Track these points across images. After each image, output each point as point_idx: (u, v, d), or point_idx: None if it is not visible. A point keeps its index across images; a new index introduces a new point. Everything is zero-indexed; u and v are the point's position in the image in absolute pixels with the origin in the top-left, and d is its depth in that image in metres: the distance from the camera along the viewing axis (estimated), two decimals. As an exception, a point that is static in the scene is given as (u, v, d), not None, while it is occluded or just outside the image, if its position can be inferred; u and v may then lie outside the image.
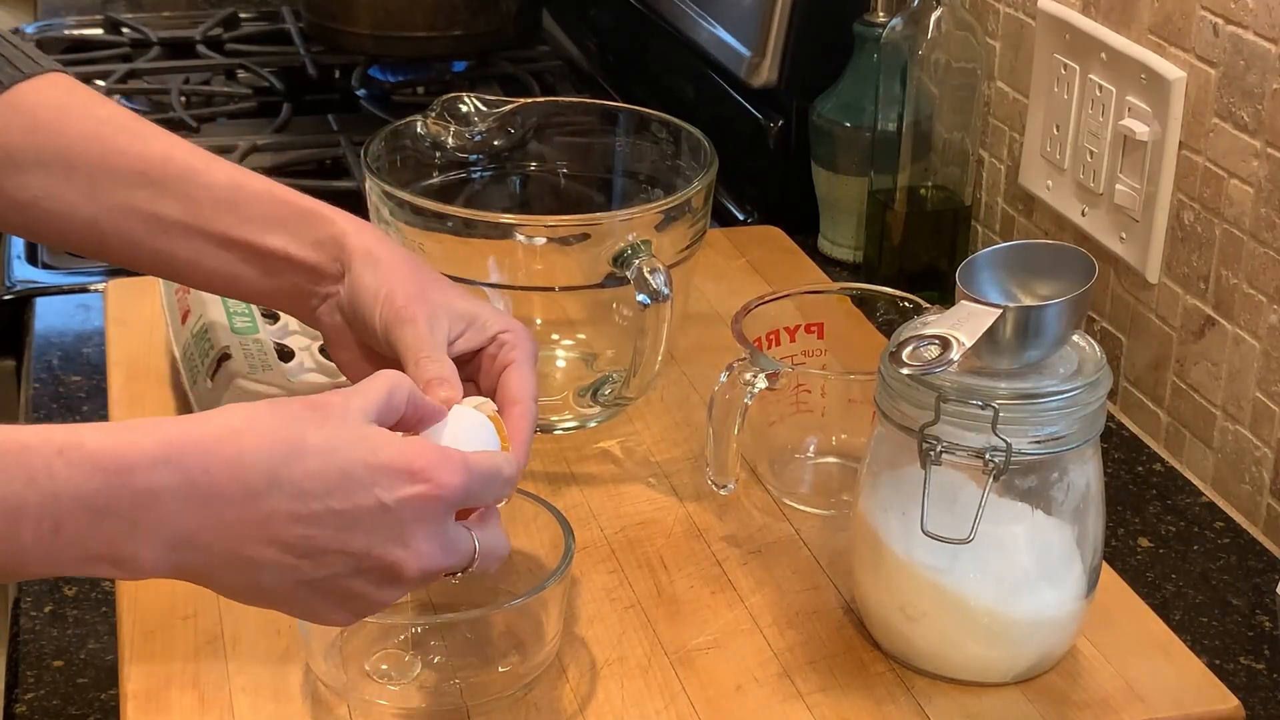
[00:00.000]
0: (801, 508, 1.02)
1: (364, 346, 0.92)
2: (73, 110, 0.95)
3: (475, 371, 0.91)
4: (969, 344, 0.81)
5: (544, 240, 1.03)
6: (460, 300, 0.91)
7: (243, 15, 2.06)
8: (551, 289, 1.06)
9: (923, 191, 1.32)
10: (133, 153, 0.94)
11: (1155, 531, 1.05)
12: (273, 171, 1.58)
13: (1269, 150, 1.01)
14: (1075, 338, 0.86)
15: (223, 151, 1.59)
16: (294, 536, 0.71)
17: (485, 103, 1.14)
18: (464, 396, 0.85)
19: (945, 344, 0.81)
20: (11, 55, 0.95)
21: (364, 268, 0.90)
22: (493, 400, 0.87)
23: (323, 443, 0.72)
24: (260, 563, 0.72)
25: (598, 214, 1.09)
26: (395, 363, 0.88)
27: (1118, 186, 1.14)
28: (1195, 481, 1.10)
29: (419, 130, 1.13)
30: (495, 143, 1.16)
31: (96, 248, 0.95)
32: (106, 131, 0.94)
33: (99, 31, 2.00)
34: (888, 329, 1.06)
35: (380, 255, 0.91)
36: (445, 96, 1.13)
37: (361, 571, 0.73)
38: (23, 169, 0.93)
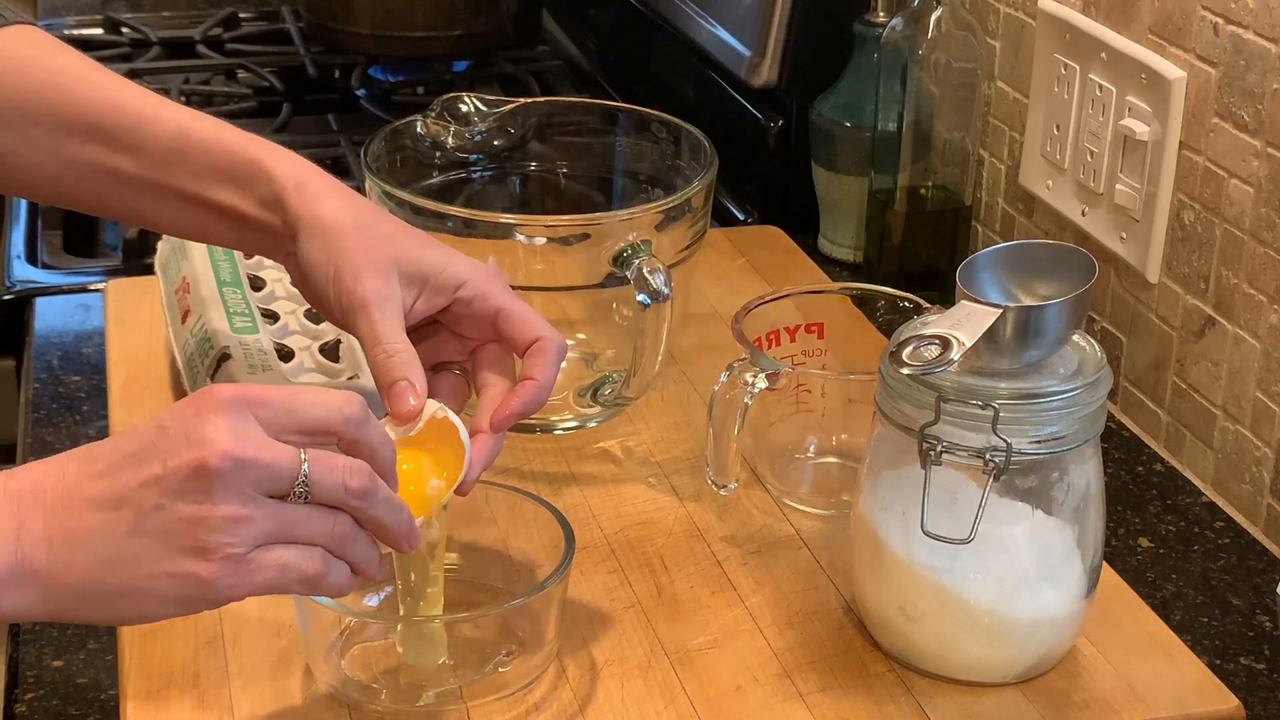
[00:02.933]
0: (801, 508, 1.02)
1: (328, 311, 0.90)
2: (30, 62, 0.93)
3: (453, 323, 0.89)
4: (969, 344, 0.81)
5: (544, 240, 1.03)
6: (409, 254, 0.88)
7: (243, 15, 2.06)
8: (551, 289, 1.06)
9: (923, 191, 1.32)
10: (87, 103, 0.92)
11: (1155, 531, 1.05)
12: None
13: (1269, 150, 1.01)
14: (1075, 338, 0.86)
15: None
16: (100, 490, 0.71)
17: (485, 103, 1.14)
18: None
19: (945, 344, 0.81)
20: None
21: (309, 240, 0.87)
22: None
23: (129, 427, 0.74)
24: (84, 534, 0.71)
25: (598, 214, 1.09)
26: None
27: (1118, 186, 1.14)
28: (1195, 481, 1.10)
29: (419, 130, 1.13)
30: (495, 143, 1.16)
31: (70, 201, 0.95)
32: (61, 81, 0.92)
33: (99, 31, 2.00)
34: (888, 329, 1.06)
35: (324, 218, 0.87)
36: (445, 96, 1.13)
37: (173, 491, 0.71)
38: None
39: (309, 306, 0.96)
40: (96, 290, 1.31)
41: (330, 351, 1.07)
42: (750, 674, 0.88)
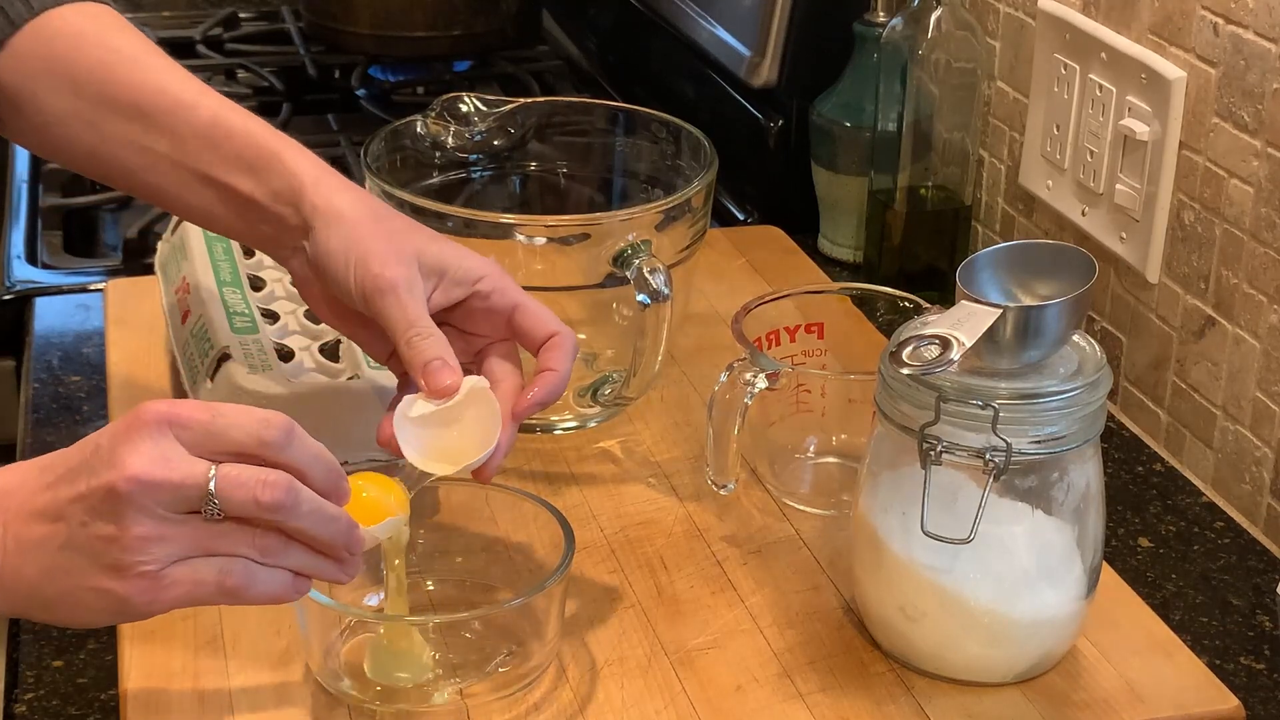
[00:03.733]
0: (801, 508, 1.02)
1: (337, 301, 0.92)
2: (87, 38, 0.97)
3: (465, 321, 0.91)
4: (969, 344, 0.81)
5: (544, 240, 1.03)
6: (429, 246, 0.90)
7: (243, 15, 2.06)
8: (551, 289, 1.06)
9: (923, 191, 1.32)
10: (132, 83, 0.95)
11: (1155, 531, 1.05)
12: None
13: (1269, 150, 1.01)
14: (1075, 338, 0.86)
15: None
16: (44, 502, 0.74)
17: (485, 103, 1.14)
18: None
19: (945, 344, 0.81)
20: None
21: (328, 229, 0.89)
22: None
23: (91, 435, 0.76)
24: (32, 542, 0.74)
25: (598, 214, 1.09)
26: (375, 324, 0.89)
27: (1118, 186, 1.14)
28: (1195, 481, 1.10)
29: (419, 130, 1.13)
30: (495, 143, 1.16)
31: (100, 175, 0.98)
32: (112, 60, 0.96)
33: (99, 31, 2.00)
34: (888, 329, 1.06)
35: (342, 210, 0.90)
36: (445, 96, 1.13)
37: (93, 510, 0.73)
38: (38, 94, 0.96)
39: (309, 307, 0.96)
40: (96, 290, 1.31)
41: (330, 351, 1.07)
42: (750, 674, 0.88)
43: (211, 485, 0.73)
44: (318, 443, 0.78)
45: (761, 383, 0.96)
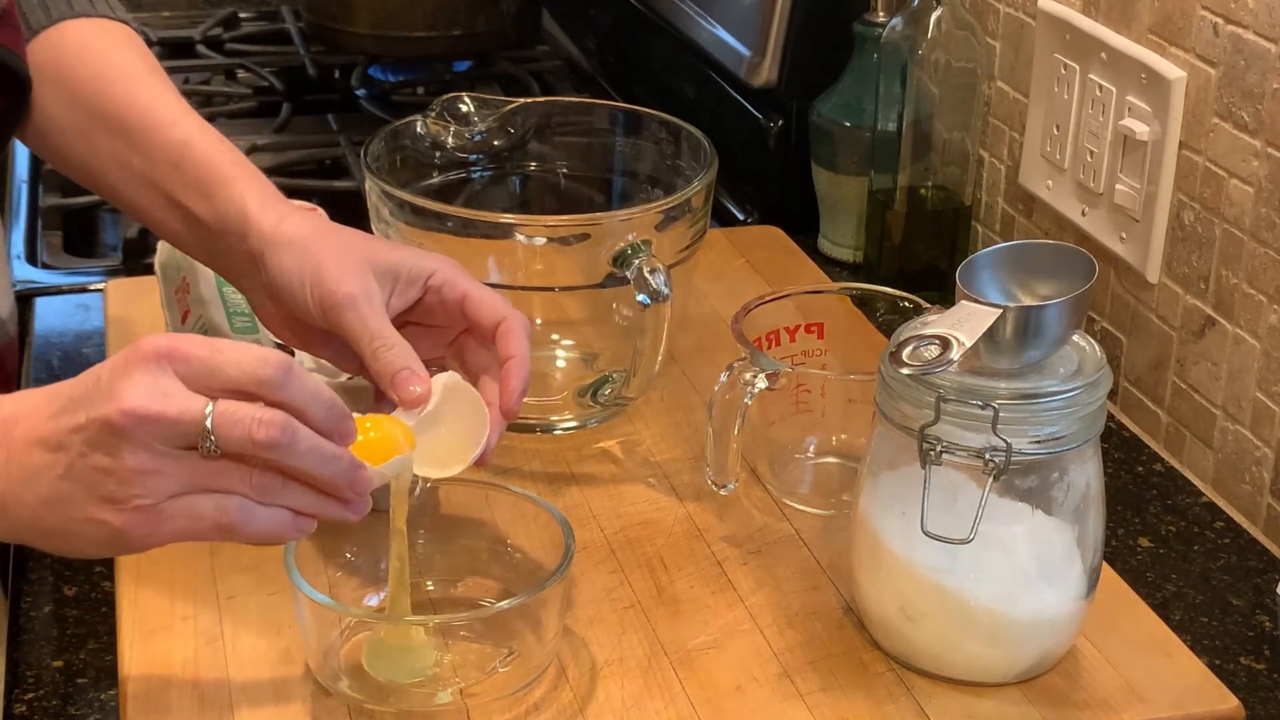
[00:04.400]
0: (801, 508, 1.02)
1: (301, 324, 0.92)
2: (91, 52, 1.00)
3: (425, 316, 0.91)
4: (969, 344, 0.81)
5: (544, 240, 1.03)
6: (380, 253, 0.91)
7: (243, 15, 2.06)
8: (551, 289, 1.06)
9: (923, 191, 1.32)
10: (122, 100, 0.98)
11: (1155, 531, 1.05)
12: (273, 171, 1.58)
13: (1269, 150, 1.01)
14: (1075, 338, 0.86)
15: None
16: (47, 430, 0.75)
17: (485, 103, 1.14)
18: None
19: (945, 344, 0.81)
20: None
21: (278, 252, 0.90)
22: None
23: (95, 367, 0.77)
24: (33, 469, 0.75)
25: (598, 214, 1.09)
26: (338, 339, 0.90)
27: (1118, 186, 1.14)
28: (1195, 481, 1.10)
29: (419, 130, 1.13)
30: (495, 143, 1.16)
31: (90, 185, 1.01)
32: (109, 76, 0.99)
33: (99, 31, 2.00)
34: (888, 329, 1.06)
35: (290, 233, 0.91)
36: (445, 96, 1.13)
37: (90, 441, 0.74)
38: (42, 101, 0.98)
39: (271, 332, 0.96)
40: (96, 290, 1.31)
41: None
42: (750, 674, 0.88)
43: (208, 422, 0.73)
44: (319, 381, 0.77)
45: (761, 383, 0.96)
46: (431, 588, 0.93)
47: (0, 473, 0.76)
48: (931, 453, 0.82)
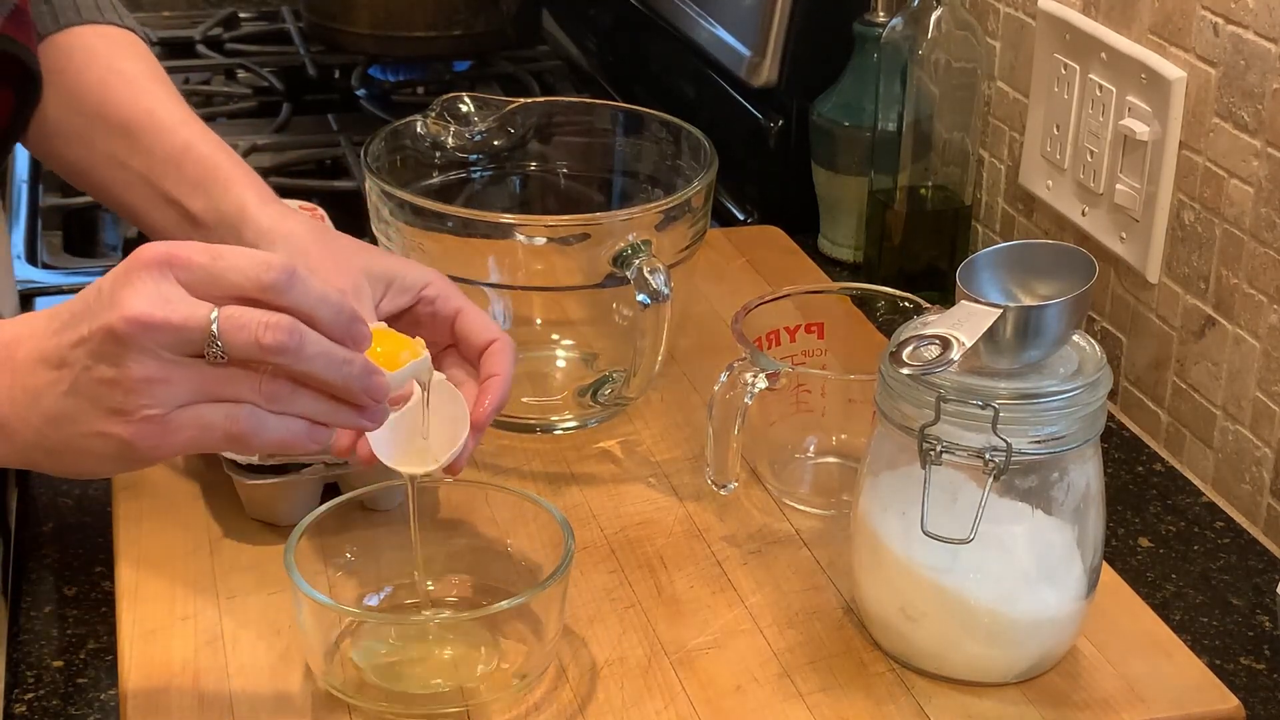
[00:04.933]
0: (801, 508, 1.02)
1: None
2: (97, 58, 1.01)
3: (412, 328, 0.91)
4: (969, 344, 0.81)
5: (544, 240, 1.03)
6: (375, 259, 0.92)
7: (243, 15, 2.06)
8: (551, 289, 1.06)
9: (923, 191, 1.32)
10: (125, 103, 1.00)
11: (1155, 531, 1.05)
12: (273, 171, 1.58)
13: (1269, 150, 1.01)
14: (1075, 338, 0.86)
15: (223, 151, 1.59)
16: (49, 348, 0.74)
17: (485, 103, 1.14)
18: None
19: (945, 344, 0.81)
20: (82, 4, 1.03)
21: (272, 246, 0.92)
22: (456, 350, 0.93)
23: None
24: (36, 389, 0.74)
25: (598, 214, 1.09)
26: None
27: (1118, 186, 1.14)
28: (1195, 481, 1.10)
29: (419, 130, 1.13)
30: (495, 143, 1.16)
31: (84, 186, 1.02)
32: (114, 81, 1.00)
33: (99, 31, 2.00)
34: (888, 329, 1.06)
35: (286, 230, 0.92)
36: (445, 96, 1.13)
37: (94, 353, 0.72)
38: (46, 104, 1.00)
39: None
40: (96, 290, 1.31)
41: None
42: (750, 674, 0.88)
43: (213, 327, 0.72)
44: (326, 286, 0.75)
45: (761, 383, 0.96)
46: (432, 588, 0.93)
47: (4, 396, 0.75)
48: (931, 453, 0.82)
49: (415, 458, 0.87)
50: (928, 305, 0.95)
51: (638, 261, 1.00)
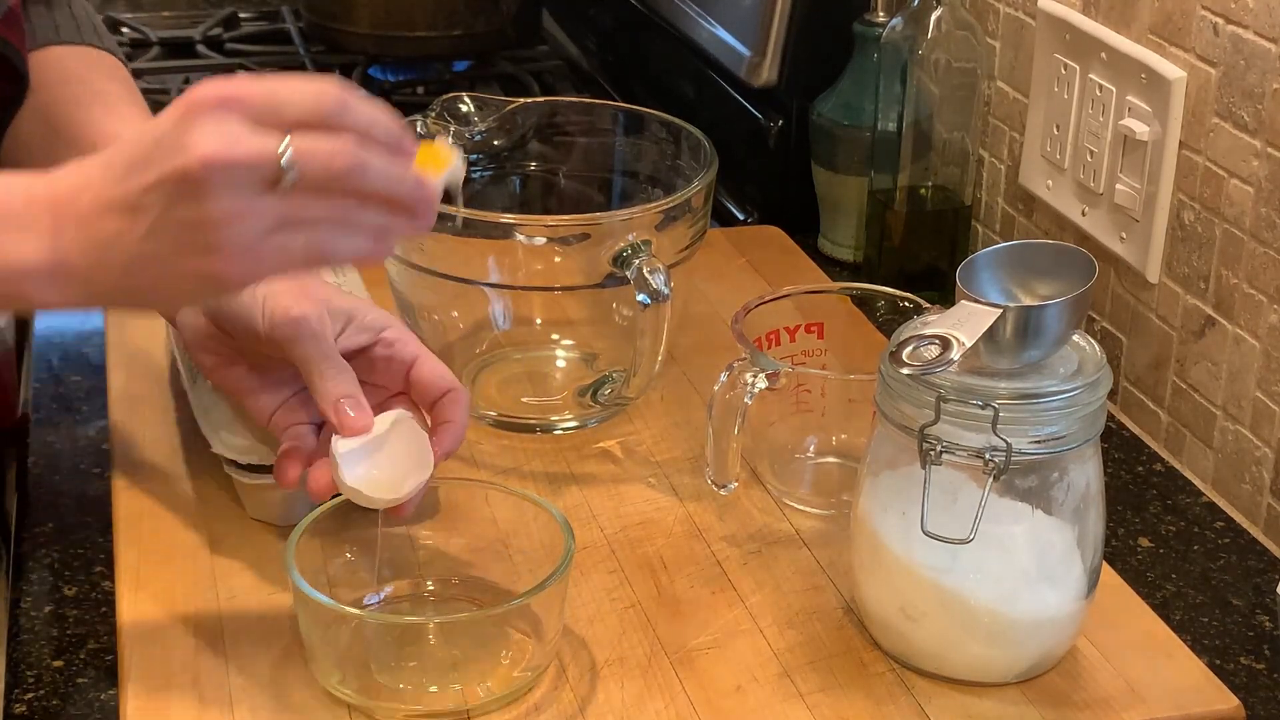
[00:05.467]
0: (801, 508, 1.02)
1: (230, 349, 0.93)
2: (72, 76, 1.01)
3: (366, 370, 0.92)
4: (969, 344, 0.81)
5: (544, 240, 1.03)
6: (336, 297, 0.92)
7: (243, 15, 2.06)
8: (551, 289, 1.06)
9: (923, 191, 1.32)
10: (91, 122, 0.99)
11: (1155, 531, 1.05)
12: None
13: (1269, 150, 1.01)
14: (1075, 338, 0.86)
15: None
16: (117, 195, 0.75)
17: (485, 103, 1.14)
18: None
19: (945, 344, 0.81)
20: (61, 23, 1.02)
21: None
22: (408, 395, 0.93)
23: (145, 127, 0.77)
24: (108, 236, 0.75)
25: (598, 214, 1.09)
26: (279, 364, 0.91)
27: (1118, 186, 1.14)
28: (1195, 481, 1.10)
29: (419, 130, 1.13)
30: (495, 143, 1.16)
31: None
32: (87, 100, 1.00)
33: (99, 31, 2.00)
34: (888, 329, 1.06)
35: None
36: (445, 96, 1.13)
37: (170, 196, 0.73)
38: (21, 119, 1.00)
39: (192, 357, 0.97)
40: (96, 290, 1.31)
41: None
42: (750, 674, 0.88)
43: (284, 159, 0.73)
44: (372, 104, 0.77)
45: (761, 383, 0.96)
46: (432, 588, 0.93)
47: (75, 248, 0.76)
48: (931, 453, 0.82)
49: (377, 489, 0.88)
50: (928, 305, 0.95)
51: (638, 261, 1.00)
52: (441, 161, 0.82)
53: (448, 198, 0.83)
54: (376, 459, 0.88)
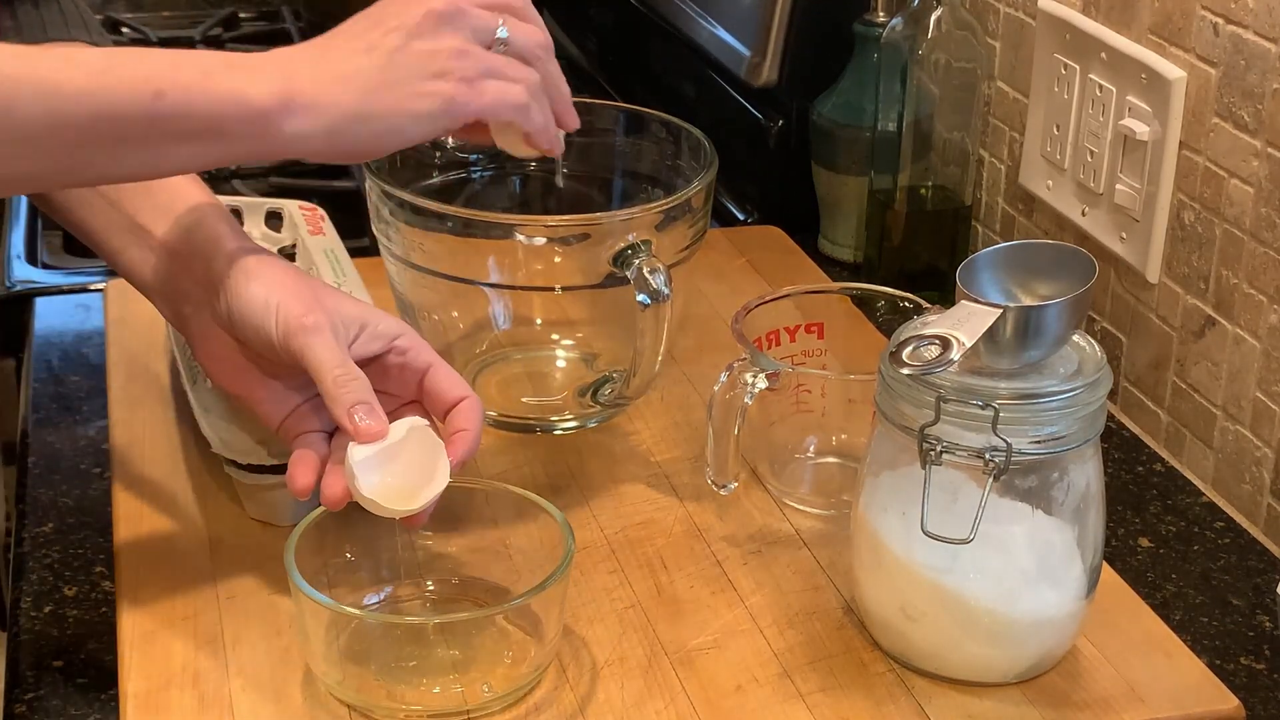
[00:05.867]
0: (801, 508, 1.02)
1: (241, 357, 0.92)
2: None
3: (379, 378, 0.91)
4: (969, 344, 0.81)
5: (544, 240, 1.03)
6: (348, 305, 0.92)
7: (243, 15, 2.06)
8: (551, 289, 1.06)
9: (923, 191, 1.32)
10: None
11: (1155, 531, 1.05)
12: (273, 171, 1.58)
13: (1269, 150, 1.01)
14: (1075, 338, 0.86)
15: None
16: (352, 44, 0.86)
17: (485, 103, 1.14)
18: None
19: (945, 344, 0.81)
20: (50, 21, 1.02)
21: (247, 278, 0.91)
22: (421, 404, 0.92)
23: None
24: (349, 71, 0.86)
25: (598, 214, 1.09)
26: (291, 371, 0.90)
27: (1118, 186, 1.14)
28: (1195, 481, 1.10)
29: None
30: (496, 142, 1.16)
31: (43, 205, 1.00)
32: None
33: (99, 31, 2.00)
34: (888, 329, 1.06)
35: (261, 266, 0.92)
36: (445, 96, 1.13)
37: (411, 33, 0.86)
38: None
39: (201, 367, 0.96)
40: (96, 290, 1.31)
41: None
42: (750, 674, 0.88)
43: (503, 28, 0.89)
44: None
45: (761, 383, 0.96)
46: (432, 588, 0.93)
47: (307, 81, 0.84)
48: (931, 453, 0.82)
49: (394, 497, 0.87)
50: (928, 305, 0.95)
51: (638, 261, 1.00)
52: None
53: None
54: (392, 468, 0.87)
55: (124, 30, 1.99)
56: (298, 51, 0.86)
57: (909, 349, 0.82)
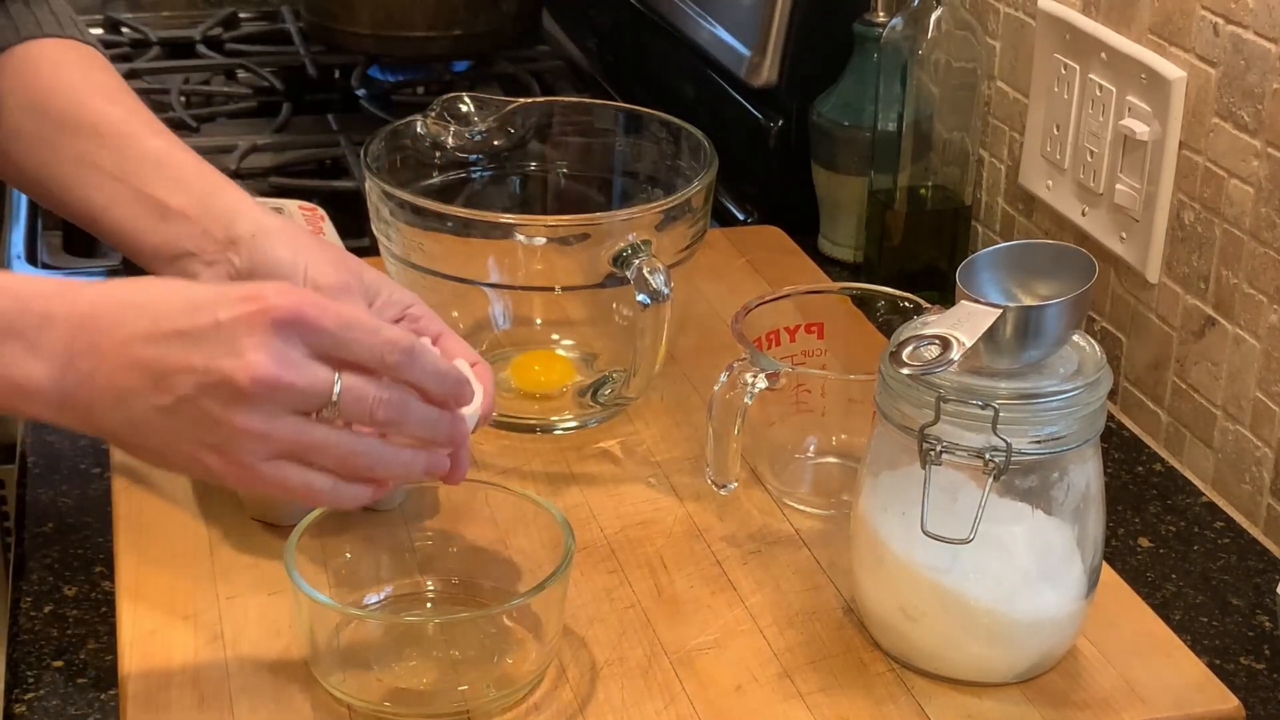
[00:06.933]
0: (801, 508, 1.02)
1: None
2: (65, 67, 1.01)
3: None
4: (969, 344, 0.81)
5: (544, 240, 1.03)
6: (365, 270, 0.94)
7: (243, 15, 2.06)
8: (551, 289, 1.06)
9: (923, 191, 1.32)
10: (98, 109, 1.00)
11: (1155, 531, 1.05)
12: (273, 171, 1.58)
13: (1269, 150, 1.01)
14: (1075, 338, 0.86)
15: (223, 151, 1.59)
16: (148, 356, 0.76)
17: (485, 103, 1.14)
18: None
19: (945, 344, 0.81)
20: (43, 18, 1.03)
21: (270, 239, 0.93)
22: None
23: (188, 285, 0.81)
24: (125, 390, 0.76)
25: (598, 214, 1.09)
26: None
27: (1118, 186, 1.14)
28: (1195, 481, 1.10)
29: (419, 130, 1.13)
30: (495, 143, 1.16)
31: (38, 194, 1.02)
32: (86, 90, 1.01)
33: (99, 31, 2.00)
34: (888, 329, 1.06)
35: (283, 228, 0.94)
36: (445, 96, 1.13)
37: (205, 388, 0.76)
38: (8, 111, 1.00)
39: None
40: (96, 290, 1.31)
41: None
42: (750, 674, 0.88)
43: (334, 396, 0.77)
44: (438, 359, 0.81)
45: (761, 383, 0.96)
46: (432, 588, 0.93)
47: (87, 382, 0.77)
48: (931, 453, 0.82)
49: None
50: (928, 305, 0.95)
51: (638, 261, 1.00)
52: (560, 375, 0.89)
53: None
54: None
55: (124, 30, 1.99)
56: (94, 328, 0.77)
57: (909, 349, 0.82)
